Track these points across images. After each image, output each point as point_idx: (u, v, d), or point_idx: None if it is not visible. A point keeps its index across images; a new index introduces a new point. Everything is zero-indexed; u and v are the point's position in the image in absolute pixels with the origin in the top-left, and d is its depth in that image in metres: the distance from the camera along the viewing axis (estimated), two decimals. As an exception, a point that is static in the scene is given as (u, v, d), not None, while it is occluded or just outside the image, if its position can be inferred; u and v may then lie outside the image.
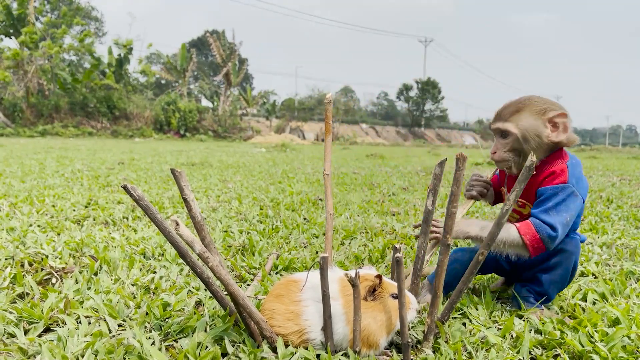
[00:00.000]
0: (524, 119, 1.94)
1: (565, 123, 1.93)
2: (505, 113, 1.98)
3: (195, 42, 71.31)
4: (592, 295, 2.22)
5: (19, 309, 1.86)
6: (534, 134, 1.93)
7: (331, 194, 2.19)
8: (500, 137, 2.00)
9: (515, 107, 1.97)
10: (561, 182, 1.90)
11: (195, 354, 1.57)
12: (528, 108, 1.94)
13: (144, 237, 3.16)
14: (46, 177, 6.47)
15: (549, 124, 1.93)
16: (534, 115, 1.93)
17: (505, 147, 1.99)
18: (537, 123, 1.93)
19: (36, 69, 34.64)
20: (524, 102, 1.96)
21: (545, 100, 1.96)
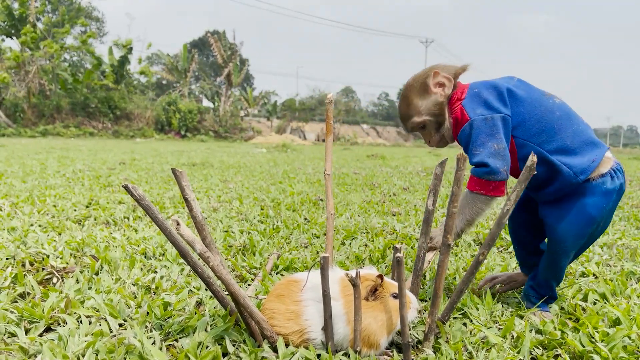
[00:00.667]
0: (419, 105, 2.01)
1: (444, 75, 2.00)
2: (404, 112, 2.07)
3: (196, 42, 71.33)
4: (593, 295, 2.22)
5: (20, 308, 1.86)
6: (434, 107, 2.00)
7: (332, 194, 2.19)
8: (420, 130, 2.07)
9: (405, 102, 2.06)
10: (465, 123, 1.93)
11: (196, 354, 1.57)
12: (413, 94, 2.03)
13: (145, 237, 3.17)
14: (47, 177, 6.48)
15: (436, 89, 2.00)
16: (422, 95, 2.01)
17: (429, 133, 2.06)
18: (429, 99, 2.00)
19: (37, 70, 34.67)
20: (406, 93, 2.05)
21: (416, 76, 2.04)
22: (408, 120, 2.05)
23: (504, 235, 3.45)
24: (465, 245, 3.27)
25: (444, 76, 1.99)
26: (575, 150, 1.89)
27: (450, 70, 2.03)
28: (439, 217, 4.17)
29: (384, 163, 12.56)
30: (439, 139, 2.06)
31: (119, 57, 37.40)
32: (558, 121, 1.89)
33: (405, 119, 2.06)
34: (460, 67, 2.04)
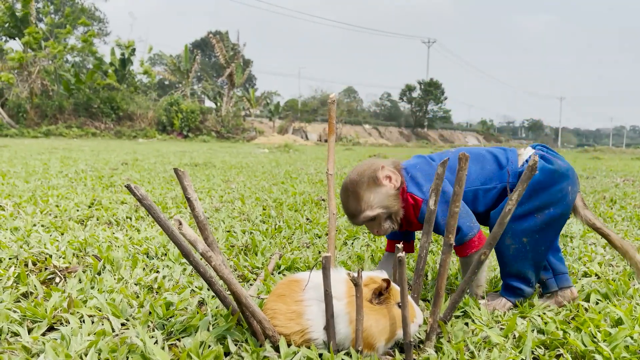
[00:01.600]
0: (370, 199, 2.09)
1: (389, 169, 2.11)
2: (355, 208, 2.13)
3: (198, 42, 71.44)
4: (595, 295, 2.21)
5: (22, 308, 1.87)
6: (386, 199, 2.09)
7: (334, 194, 2.20)
8: (368, 222, 2.15)
9: (354, 197, 2.12)
10: (421, 205, 2.09)
11: (198, 353, 1.58)
12: (362, 189, 2.10)
13: (147, 237, 3.17)
14: (50, 178, 6.49)
15: (385, 182, 2.09)
16: (372, 189, 2.10)
17: (380, 224, 2.15)
18: (380, 192, 2.09)
19: (40, 70, 34.75)
20: (354, 189, 2.12)
21: (362, 172, 2.13)
22: (359, 215, 2.11)
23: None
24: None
25: (390, 170, 2.11)
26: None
27: (390, 163, 2.17)
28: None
29: (386, 163, 12.54)
30: (387, 228, 2.15)
31: (120, 57, 37.47)
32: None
33: (357, 214, 2.12)
34: (396, 160, 2.21)
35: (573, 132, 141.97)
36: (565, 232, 3.57)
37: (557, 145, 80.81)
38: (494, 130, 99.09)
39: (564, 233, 3.54)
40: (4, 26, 34.97)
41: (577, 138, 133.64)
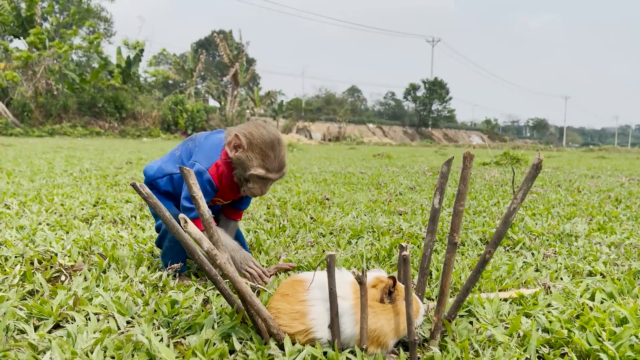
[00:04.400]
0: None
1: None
2: (286, 162, 2.34)
3: (202, 42, 71.54)
4: (600, 294, 2.21)
5: (29, 305, 1.88)
6: None
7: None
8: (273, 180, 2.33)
9: (285, 153, 2.35)
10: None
11: (203, 351, 1.58)
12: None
13: (152, 235, 3.18)
14: (55, 177, 6.51)
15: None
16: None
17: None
18: None
19: (45, 70, 34.86)
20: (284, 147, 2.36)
21: (278, 132, 2.35)
22: (285, 169, 2.34)
23: (511, 234, 3.45)
24: (472, 244, 3.27)
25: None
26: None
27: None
28: (446, 216, 4.17)
29: (390, 162, 12.55)
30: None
31: (126, 58, 37.55)
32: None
33: (284, 168, 2.33)
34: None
35: (578, 131, 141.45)
36: (570, 231, 3.57)
37: (562, 145, 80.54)
38: (498, 129, 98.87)
39: (568, 232, 3.54)
40: (9, 26, 35.09)
41: (582, 137, 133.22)
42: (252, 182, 2.26)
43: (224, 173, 2.29)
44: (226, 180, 2.31)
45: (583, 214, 4.44)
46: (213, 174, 2.26)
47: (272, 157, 2.21)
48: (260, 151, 2.20)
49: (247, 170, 2.22)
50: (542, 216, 4.30)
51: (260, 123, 2.28)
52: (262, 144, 2.19)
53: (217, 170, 2.27)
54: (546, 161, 15.32)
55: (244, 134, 2.21)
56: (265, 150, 2.20)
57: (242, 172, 2.24)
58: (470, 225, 3.82)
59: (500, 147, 30.32)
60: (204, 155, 2.29)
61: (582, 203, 5.16)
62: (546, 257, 2.95)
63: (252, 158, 2.20)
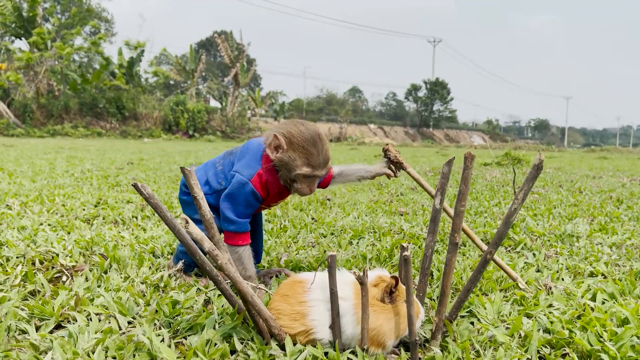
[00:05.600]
0: None
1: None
2: (329, 157, 2.19)
3: (203, 42, 71.57)
4: (602, 295, 2.21)
5: (30, 306, 1.88)
6: None
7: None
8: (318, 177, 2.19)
9: (328, 149, 2.22)
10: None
11: (204, 351, 1.58)
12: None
13: (153, 236, 3.18)
14: (56, 177, 6.52)
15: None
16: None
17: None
18: None
19: (46, 70, 34.89)
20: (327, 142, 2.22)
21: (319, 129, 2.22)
22: (329, 164, 2.20)
23: (512, 234, 3.44)
24: (473, 244, 3.26)
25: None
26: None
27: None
28: (447, 216, 4.16)
29: (391, 163, 12.52)
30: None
31: (128, 58, 37.58)
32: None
33: (328, 164, 2.19)
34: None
35: (580, 132, 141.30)
36: (572, 231, 3.56)
37: (563, 145, 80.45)
38: (499, 129, 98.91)
39: (570, 233, 3.53)
40: (11, 26, 35.13)
41: (583, 138, 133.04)
42: (299, 181, 2.14)
43: (269, 181, 2.16)
44: (273, 188, 2.19)
45: (584, 215, 4.44)
46: (257, 185, 2.15)
47: (315, 153, 2.09)
48: (303, 149, 2.08)
49: (292, 170, 2.10)
50: (543, 217, 4.30)
51: (298, 121, 2.17)
52: (303, 142, 2.07)
53: (260, 180, 2.15)
54: (547, 162, 15.30)
55: (283, 134, 2.09)
56: (308, 147, 2.08)
57: (287, 173, 2.13)
58: (471, 225, 3.82)
59: (502, 147, 30.30)
60: (245, 164, 2.18)
61: (583, 203, 5.16)
62: (547, 257, 2.95)
63: (295, 157, 2.08)
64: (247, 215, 2.19)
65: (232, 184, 2.15)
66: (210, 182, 2.31)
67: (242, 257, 2.18)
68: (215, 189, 2.28)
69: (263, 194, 2.18)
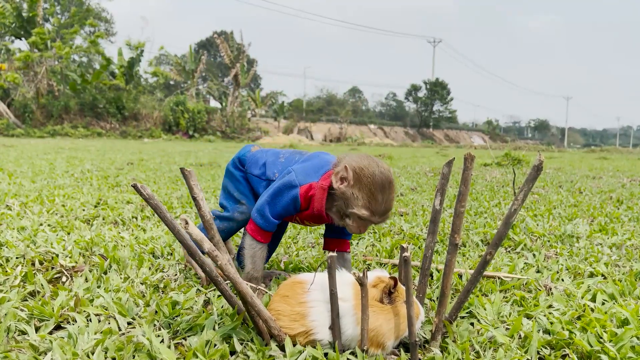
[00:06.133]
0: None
1: None
2: (392, 206, 2.08)
3: (203, 43, 71.58)
4: (602, 295, 2.21)
5: (30, 306, 1.88)
6: None
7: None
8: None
9: (394, 196, 2.12)
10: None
11: (204, 352, 1.58)
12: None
13: (153, 236, 3.18)
14: (56, 177, 6.52)
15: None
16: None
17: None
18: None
19: (46, 70, 34.90)
20: (394, 188, 2.09)
21: (389, 171, 2.09)
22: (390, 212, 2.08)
23: (512, 235, 3.44)
24: (473, 245, 3.27)
25: None
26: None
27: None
28: (447, 217, 4.17)
29: (392, 163, 12.54)
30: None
31: (128, 58, 37.59)
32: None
33: (390, 211, 2.07)
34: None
35: (580, 132, 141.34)
36: (572, 232, 3.56)
37: (563, 145, 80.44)
38: (499, 130, 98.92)
39: (569, 233, 3.53)
40: (11, 26, 35.15)
41: (583, 138, 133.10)
42: (352, 219, 2.03)
43: (314, 197, 2.08)
44: (314, 207, 2.10)
45: (584, 215, 4.44)
46: (302, 193, 2.07)
47: (379, 200, 1.97)
48: (368, 191, 1.97)
49: (349, 207, 2.00)
50: (543, 217, 4.30)
51: (374, 159, 2.06)
52: (371, 185, 1.97)
53: (308, 191, 2.08)
54: (547, 162, 15.31)
55: (354, 168, 1.99)
56: (374, 191, 1.97)
57: (343, 207, 2.03)
58: (471, 226, 3.82)
59: (502, 147, 30.30)
60: (303, 169, 2.13)
61: (583, 204, 5.16)
62: (547, 258, 2.94)
63: (357, 196, 1.98)
64: (280, 217, 2.15)
65: (282, 181, 2.11)
66: (267, 167, 2.27)
67: (255, 255, 2.16)
68: (268, 177, 2.25)
69: (304, 205, 2.12)
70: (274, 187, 2.11)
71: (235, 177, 2.38)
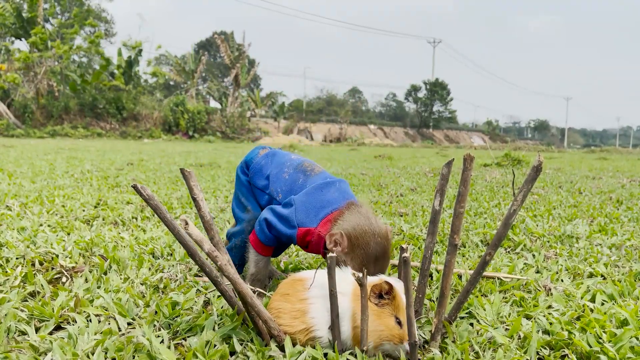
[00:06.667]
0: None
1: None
2: (386, 266, 2.05)
3: (203, 43, 71.57)
4: (601, 296, 2.21)
5: (30, 307, 1.88)
6: None
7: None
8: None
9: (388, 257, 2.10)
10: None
11: (204, 352, 1.59)
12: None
13: (153, 237, 3.18)
14: (56, 178, 6.52)
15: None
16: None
17: None
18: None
19: (46, 71, 34.91)
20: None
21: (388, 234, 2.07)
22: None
23: (511, 235, 3.45)
24: (473, 245, 3.27)
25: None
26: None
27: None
28: (446, 217, 4.17)
29: (392, 164, 12.54)
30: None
31: (126, 58, 37.60)
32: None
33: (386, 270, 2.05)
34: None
35: (580, 133, 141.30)
36: (571, 233, 3.57)
37: (563, 146, 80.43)
38: (499, 130, 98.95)
39: (569, 234, 3.54)
40: (11, 27, 35.15)
41: (583, 138, 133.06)
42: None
43: (311, 242, 2.08)
44: (311, 248, 2.12)
45: (584, 216, 4.44)
46: (300, 235, 2.08)
47: (371, 270, 1.94)
48: (360, 262, 1.96)
49: (342, 264, 1.97)
50: (543, 218, 4.30)
51: (373, 225, 2.00)
52: (363, 256, 1.96)
53: (305, 235, 2.07)
54: (547, 162, 15.31)
55: (349, 235, 1.96)
56: (366, 263, 1.96)
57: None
58: (471, 226, 3.82)
59: (502, 148, 30.32)
60: (303, 207, 2.09)
61: (583, 204, 5.16)
62: (547, 258, 2.95)
63: (349, 263, 1.96)
64: (278, 241, 2.19)
65: (283, 213, 2.09)
66: (271, 181, 2.26)
67: (258, 263, 2.21)
68: (271, 194, 2.24)
69: (300, 244, 2.13)
70: (276, 214, 2.12)
71: (242, 181, 2.40)
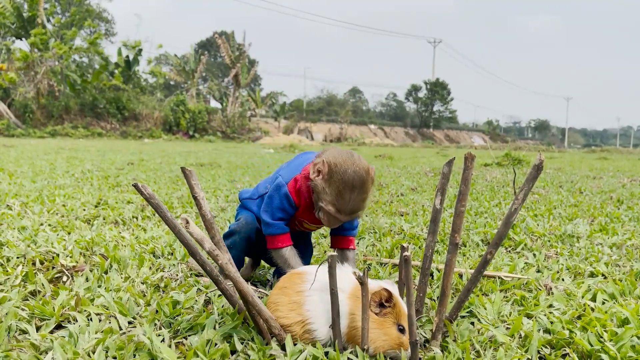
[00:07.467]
0: (369, 199, 2.14)
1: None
2: (361, 207, 2.07)
3: (204, 43, 71.55)
4: (602, 295, 2.21)
5: (30, 306, 1.88)
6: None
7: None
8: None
9: (365, 197, 2.08)
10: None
11: (205, 351, 1.59)
12: (369, 189, 2.07)
13: (154, 236, 3.18)
14: (56, 177, 6.52)
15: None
16: (371, 189, 2.13)
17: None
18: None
19: (46, 70, 34.91)
20: (367, 188, 2.06)
21: (366, 169, 2.05)
22: (360, 212, 2.08)
23: (512, 235, 3.44)
24: (473, 244, 3.27)
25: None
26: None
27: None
28: (447, 217, 4.17)
29: (392, 163, 12.54)
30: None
31: (125, 57, 37.60)
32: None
33: (360, 211, 2.07)
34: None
35: (580, 133, 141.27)
36: (572, 232, 3.56)
37: (563, 146, 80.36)
38: (500, 130, 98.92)
39: (570, 233, 3.53)
40: (11, 27, 35.16)
41: (584, 138, 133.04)
42: (322, 212, 2.05)
43: (301, 188, 2.12)
44: (305, 199, 2.13)
45: (585, 215, 4.44)
46: (291, 189, 2.12)
47: (346, 199, 1.97)
48: (337, 188, 1.97)
49: (319, 200, 2.03)
50: (543, 217, 4.30)
51: (355, 157, 2.03)
52: (341, 182, 1.96)
53: (295, 184, 2.13)
54: (548, 162, 15.30)
55: (329, 163, 1.99)
56: (342, 190, 1.96)
57: (315, 198, 2.06)
58: (471, 226, 3.82)
59: (502, 148, 30.28)
60: (287, 170, 2.21)
61: (583, 204, 5.16)
62: (548, 258, 2.95)
63: (327, 192, 1.99)
64: (282, 219, 2.17)
65: (272, 187, 2.17)
66: (258, 187, 2.36)
67: (286, 258, 2.17)
68: (260, 193, 2.29)
69: (296, 201, 2.14)
70: (267, 195, 2.18)
71: (242, 205, 2.43)
